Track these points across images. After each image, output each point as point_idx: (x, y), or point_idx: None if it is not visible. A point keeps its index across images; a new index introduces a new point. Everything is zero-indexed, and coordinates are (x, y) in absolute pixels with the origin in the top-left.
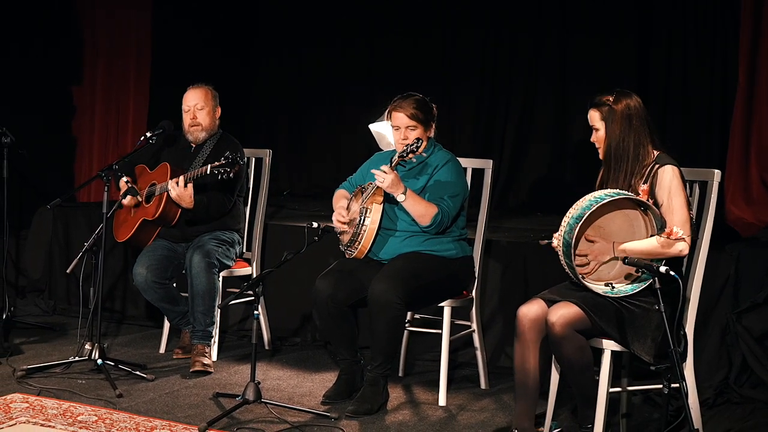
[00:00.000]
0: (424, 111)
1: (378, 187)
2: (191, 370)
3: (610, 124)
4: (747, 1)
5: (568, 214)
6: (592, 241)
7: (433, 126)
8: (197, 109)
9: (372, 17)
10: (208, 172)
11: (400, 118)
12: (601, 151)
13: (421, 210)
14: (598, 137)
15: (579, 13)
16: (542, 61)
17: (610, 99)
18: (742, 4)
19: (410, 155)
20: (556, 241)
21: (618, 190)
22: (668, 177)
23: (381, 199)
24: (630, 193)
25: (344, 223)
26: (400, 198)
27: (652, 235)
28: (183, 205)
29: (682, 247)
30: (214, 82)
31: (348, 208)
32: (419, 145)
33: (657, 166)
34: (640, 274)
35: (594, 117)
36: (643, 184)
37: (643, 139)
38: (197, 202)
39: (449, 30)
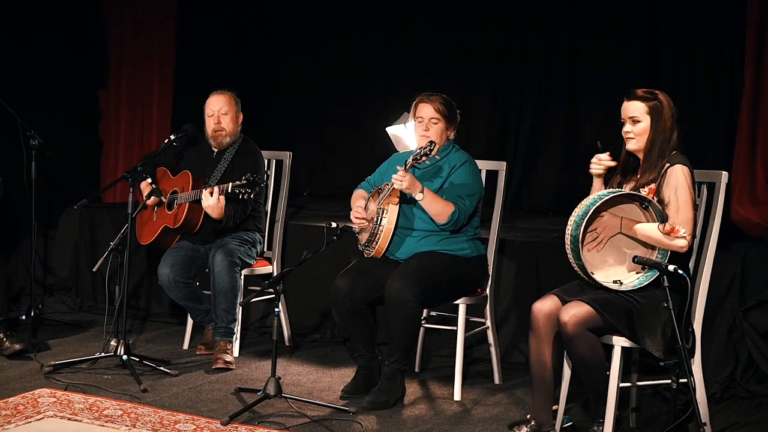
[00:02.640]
0: (449, 109)
1: (394, 188)
2: (213, 367)
3: (659, 119)
4: (753, 5)
5: (573, 213)
6: (600, 216)
7: (454, 128)
8: (221, 113)
9: (387, 23)
10: (229, 190)
11: (426, 109)
12: (635, 142)
13: (438, 208)
14: (639, 129)
15: (590, 16)
16: (554, 64)
17: (657, 93)
18: (748, 9)
19: (423, 158)
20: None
21: (619, 189)
22: (677, 175)
23: (397, 200)
24: (631, 192)
25: (362, 219)
26: (418, 197)
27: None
28: (213, 216)
29: (681, 244)
30: (235, 86)
31: (366, 208)
32: (432, 148)
33: (668, 165)
34: (647, 271)
35: (638, 109)
36: (653, 182)
37: (676, 136)
38: (226, 214)
39: (463, 34)
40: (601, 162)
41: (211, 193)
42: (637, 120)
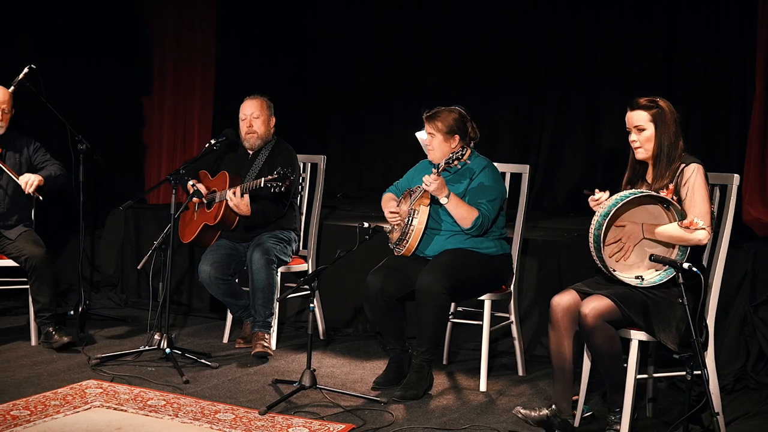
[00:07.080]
0: (446, 123)
1: (425, 190)
2: (252, 353)
3: (662, 125)
4: (764, 15)
5: (597, 213)
6: (622, 226)
7: (458, 138)
8: (253, 117)
9: (418, 38)
10: (262, 185)
11: (426, 127)
12: (643, 151)
13: (463, 213)
14: (644, 137)
15: (609, 28)
16: (574, 74)
17: (658, 101)
18: (759, 18)
19: (455, 162)
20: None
21: (641, 189)
22: (691, 174)
23: (428, 201)
24: (652, 192)
25: (395, 215)
26: (443, 201)
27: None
28: (242, 213)
29: (702, 236)
30: (273, 94)
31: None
32: (464, 153)
33: (683, 165)
34: (666, 268)
35: (641, 118)
36: (670, 183)
37: (682, 139)
38: (254, 211)
39: (489, 47)
40: (598, 200)
41: (234, 193)
42: (642, 128)
